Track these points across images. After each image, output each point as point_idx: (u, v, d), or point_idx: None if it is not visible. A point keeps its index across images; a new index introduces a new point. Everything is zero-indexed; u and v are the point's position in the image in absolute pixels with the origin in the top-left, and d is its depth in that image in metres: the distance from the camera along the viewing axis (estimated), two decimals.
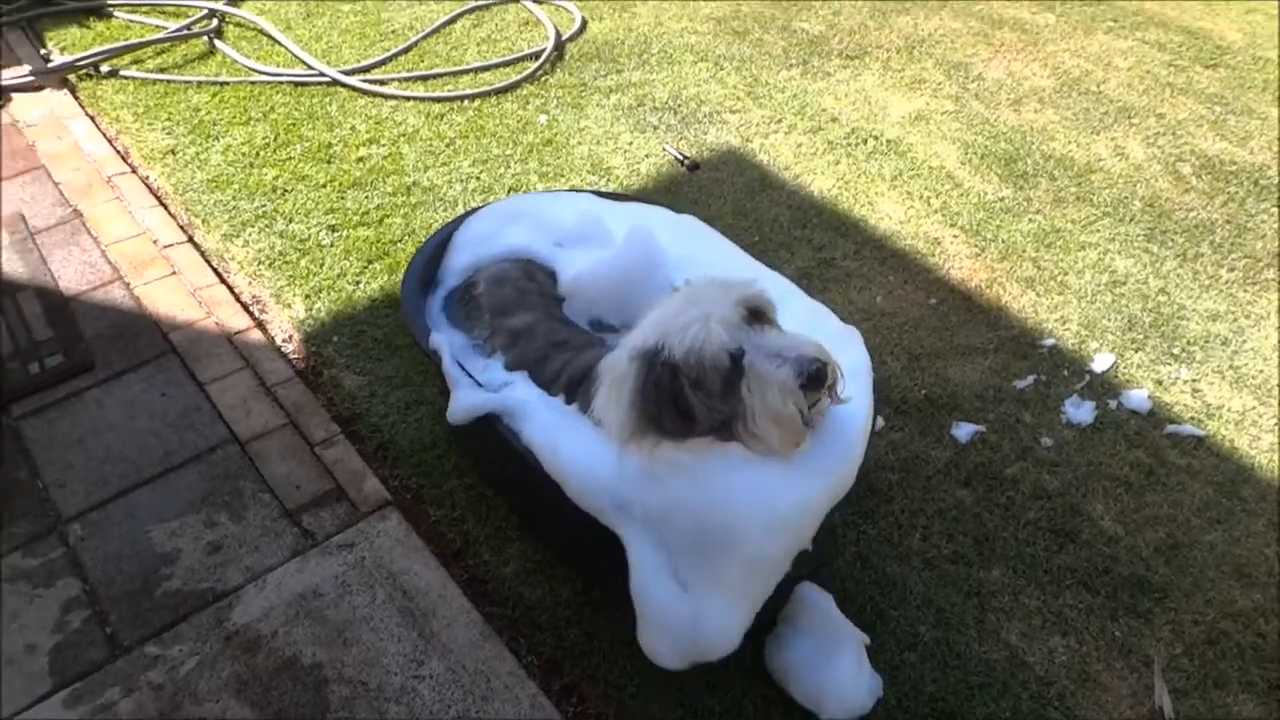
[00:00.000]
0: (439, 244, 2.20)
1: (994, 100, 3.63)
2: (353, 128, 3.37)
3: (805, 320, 1.96)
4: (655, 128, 3.40)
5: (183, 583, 2.01)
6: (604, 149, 3.28)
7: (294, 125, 3.36)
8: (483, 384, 1.92)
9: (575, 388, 1.84)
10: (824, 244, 2.92)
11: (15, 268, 2.76)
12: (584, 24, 4.01)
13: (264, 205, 3.01)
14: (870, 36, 4.01)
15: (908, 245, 2.93)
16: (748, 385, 1.56)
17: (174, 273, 2.77)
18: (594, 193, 2.35)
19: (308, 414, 2.36)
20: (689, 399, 1.59)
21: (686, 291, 1.68)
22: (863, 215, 3.04)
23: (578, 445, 1.69)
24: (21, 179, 3.12)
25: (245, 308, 2.69)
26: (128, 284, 2.73)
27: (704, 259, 2.08)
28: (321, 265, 2.79)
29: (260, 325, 2.63)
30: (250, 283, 2.77)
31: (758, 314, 1.66)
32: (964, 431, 2.36)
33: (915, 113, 3.54)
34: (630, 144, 3.31)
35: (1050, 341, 2.62)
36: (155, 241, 2.88)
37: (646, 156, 3.26)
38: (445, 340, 1.94)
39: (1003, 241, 2.96)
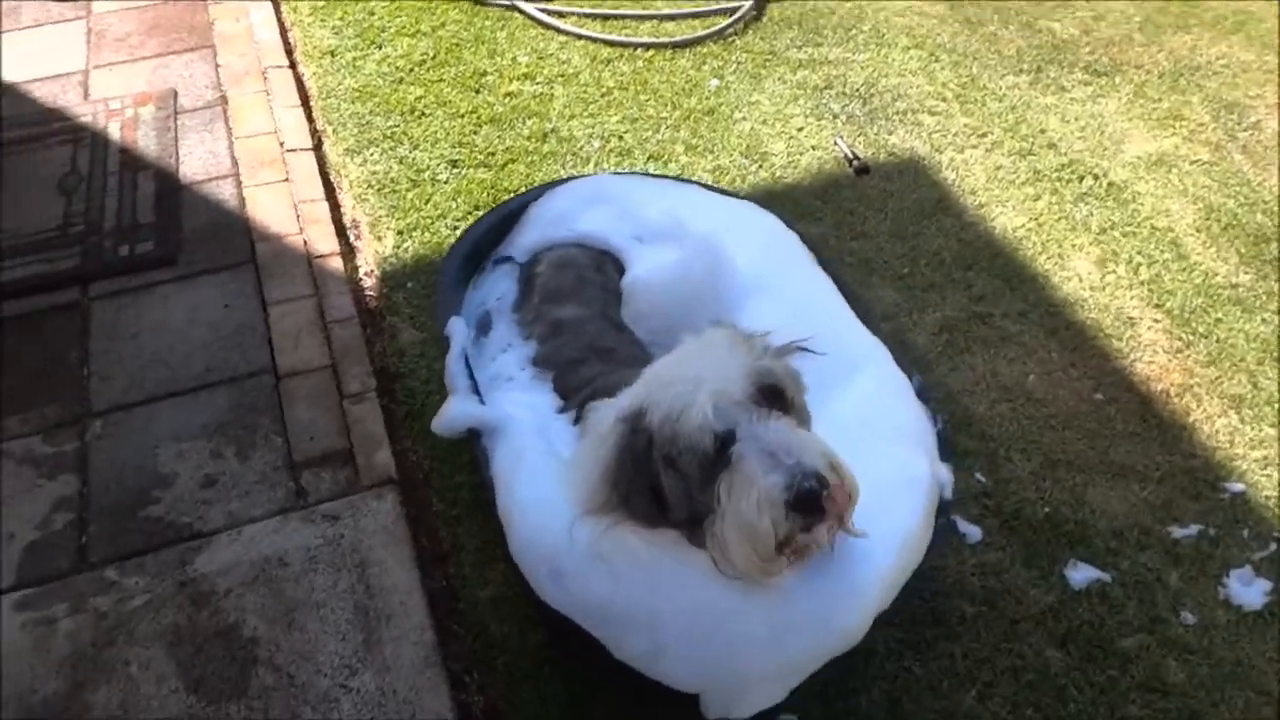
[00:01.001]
0: (507, 215, 1.95)
1: (1265, 158, 2.92)
2: (514, 59, 3.16)
3: (870, 397, 1.58)
4: (835, 116, 2.97)
5: (166, 511, 1.92)
6: (768, 130, 2.90)
7: (457, 46, 3.19)
8: (485, 380, 1.68)
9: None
10: (986, 294, 2.43)
11: (148, 144, 2.77)
12: None
13: (396, 125, 2.87)
14: (1131, 52, 3.33)
15: (1091, 318, 2.39)
16: (727, 482, 1.22)
17: (286, 179, 2.69)
18: (701, 185, 2.02)
19: (352, 361, 2.20)
20: (660, 479, 1.28)
21: (694, 343, 1.34)
22: (1046, 269, 2.52)
23: (535, 492, 1.41)
24: (189, 55, 3.14)
25: (340, 231, 2.56)
26: (240, 182, 2.67)
27: (783, 289, 1.72)
28: (427, 201, 2.61)
29: (346, 254, 2.50)
30: (354, 205, 2.64)
31: (772, 392, 1.30)
32: (1081, 575, 1.88)
33: (1157, 155, 2.90)
34: (800, 130, 2.91)
35: (1238, 487, 2.05)
36: (282, 143, 2.80)
37: (813, 148, 2.85)
38: (461, 333, 1.70)
39: (1218, 341, 2.36)
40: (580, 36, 3.25)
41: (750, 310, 1.64)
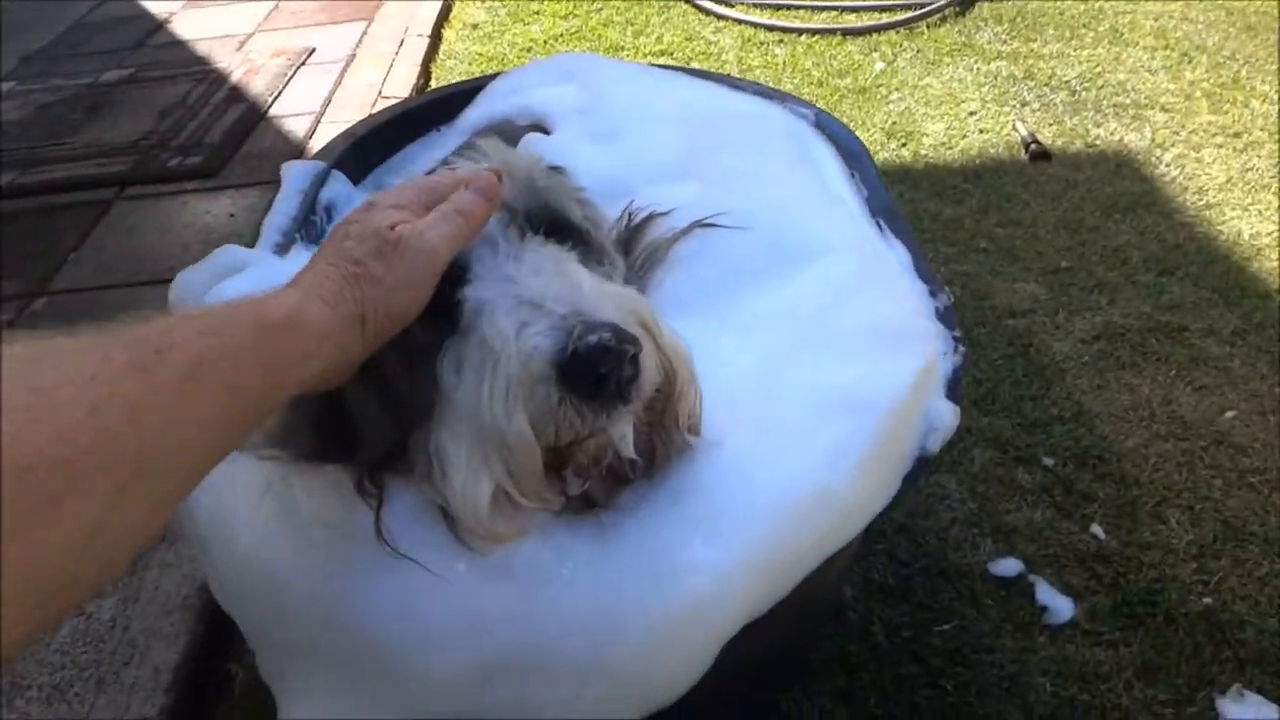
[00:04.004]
0: (463, 92, 1.53)
1: None
2: (659, 38, 2.80)
3: (832, 287, 0.93)
4: (1025, 104, 2.30)
5: None
6: (928, 111, 2.29)
7: (604, 25, 2.90)
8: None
9: None
10: (1184, 304, 1.64)
11: (259, 85, 2.69)
12: None
13: None
14: None
15: None
16: (453, 357, 0.63)
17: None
18: (706, 75, 1.47)
19: None
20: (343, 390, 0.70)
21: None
22: None
23: None
24: (347, 25, 3.10)
25: None
26: (320, 119, 2.50)
27: (730, 170, 1.12)
28: None
29: None
30: None
31: (557, 221, 0.73)
32: (1250, 713, 1.05)
33: None
34: (971, 114, 2.27)
35: None
36: (380, 91, 2.62)
37: (980, 131, 2.19)
38: (303, 174, 1.28)
39: None
40: (741, 22, 2.83)
41: (653, 194, 1.06)
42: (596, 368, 0.57)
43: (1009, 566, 1.23)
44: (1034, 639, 1.15)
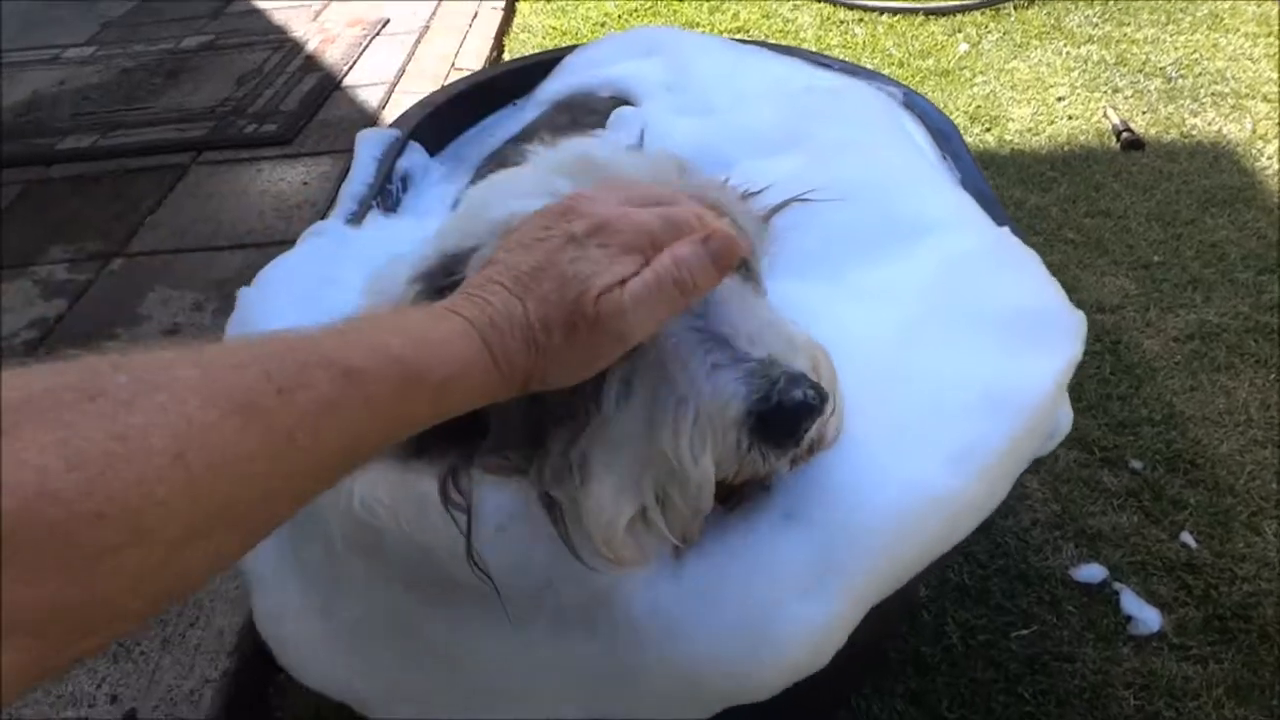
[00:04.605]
0: (544, 64, 1.50)
1: None
2: (734, 14, 2.75)
3: (951, 265, 0.88)
4: (1116, 90, 2.20)
5: (117, 347, 1.66)
6: (1014, 95, 2.20)
7: (680, 0, 2.85)
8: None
9: None
10: None
11: (334, 54, 2.70)
12: None
13: None
14: None
15: None
16: (622, 380, 0.58)
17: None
18: (789, 51, 1.42)
19: None
20: None
21: (566, 150, 0.73)
22: None
23: None
24: None
25: None
26: (392, 88, 2.50)
27: (825, 140, 1.08)
28: None
29: None
30: None
31: None
32: None
33: None
34: (1060, 99, 2.18)
35: None
36: (454, 63, 2.61)
37: (1069, 117, 2.11)
38: (378, 142, 1.27)
39: None
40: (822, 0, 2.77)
41: (754, 168, 1.02)
42: (800, 423, 0.56)
43: (1092, 572, 1.18)
44: (1117, 649, 1.10)
